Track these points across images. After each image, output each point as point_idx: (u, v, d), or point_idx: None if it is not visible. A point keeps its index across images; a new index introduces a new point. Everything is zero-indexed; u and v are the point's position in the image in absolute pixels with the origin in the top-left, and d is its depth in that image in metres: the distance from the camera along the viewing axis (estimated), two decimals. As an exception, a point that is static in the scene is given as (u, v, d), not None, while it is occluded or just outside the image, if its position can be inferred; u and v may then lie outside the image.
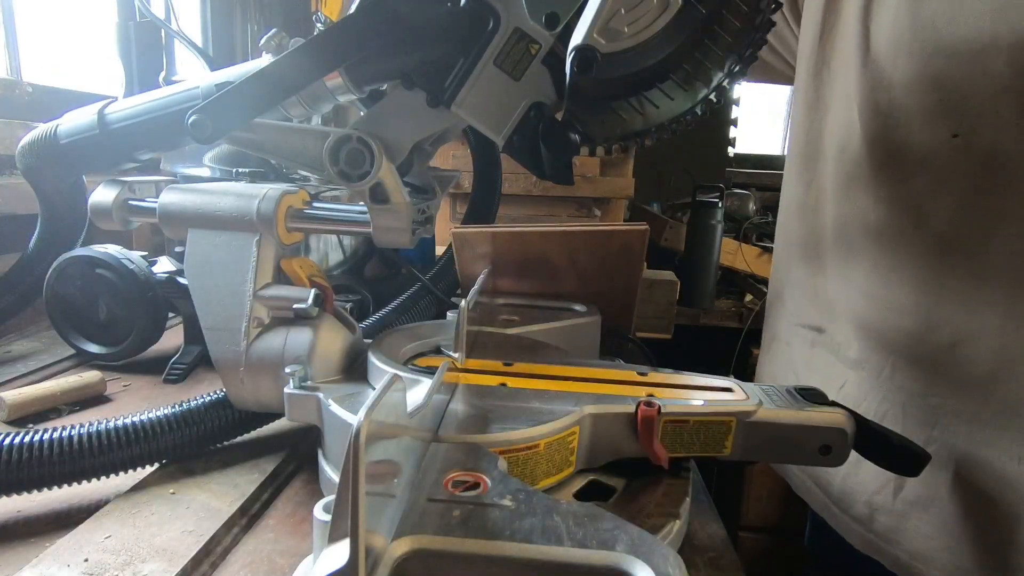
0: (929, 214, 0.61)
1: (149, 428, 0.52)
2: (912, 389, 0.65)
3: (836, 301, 0.73)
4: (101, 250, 0.76)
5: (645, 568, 0.30)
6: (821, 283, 0.76)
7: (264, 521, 0.50)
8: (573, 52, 0.43)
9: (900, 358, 0.66)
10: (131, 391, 0.74)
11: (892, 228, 0.64)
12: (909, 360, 0.65)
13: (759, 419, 0.50)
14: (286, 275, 0.56)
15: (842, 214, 0.70)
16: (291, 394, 0.51)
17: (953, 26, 0.56)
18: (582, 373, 0.56)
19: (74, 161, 0.63)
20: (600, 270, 0.79)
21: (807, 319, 0.80)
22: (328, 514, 0.31)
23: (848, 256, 0.70)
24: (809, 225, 0.77)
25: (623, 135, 0.49)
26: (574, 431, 0.48)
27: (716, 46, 0.46)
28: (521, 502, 0.35)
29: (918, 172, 0.61)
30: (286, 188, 0.55)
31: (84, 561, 0.42)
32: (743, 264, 1.91)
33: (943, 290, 0.61)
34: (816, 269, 0.77)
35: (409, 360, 0.58)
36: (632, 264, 0.79)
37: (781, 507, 1.77)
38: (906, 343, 0.65)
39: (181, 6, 1.04)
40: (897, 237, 0.64)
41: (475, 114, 0.50)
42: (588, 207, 1.58)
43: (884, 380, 0.67)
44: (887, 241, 0.65)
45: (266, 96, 0.51)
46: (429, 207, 0.60)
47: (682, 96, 0.47)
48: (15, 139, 0.80)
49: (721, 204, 1.75)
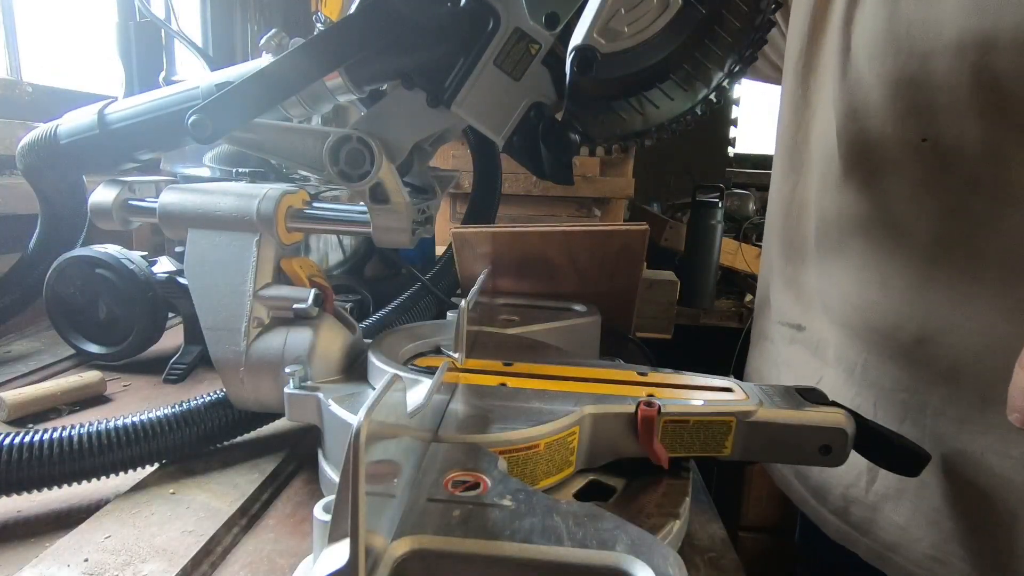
0: (902, 214, 0.62)
1: (149, 428, 0.52)
2: (883, 384, 0.66)
3: (814, 299, 0.75)
4: (101, 250, 0.76)
5: (645, 568, 0.30)
6: (803, 281, 0.77)
7: (264, 521, 0.50)
8: (573, 52, 0.43)
9: (873, 355, 0.67)
10: (131, 391, 0.74)
11: (867, 228, 0.66)
12: (881, 356, 0.66)
13: (759, 419, 0.50)
14: (286, 275, 0.56)
15: (823, 214, 0.72)
16: (291, 394, 0.51)
17: (925, 28, 0.57)
18: (582, 373, 0.56)
19: (74, 161, 0.63)
20: (600, 270, 0.79)
21: (789, 317, 0.81)
22: (328, 514, 0.31)
23: (827, 254, 0.72)
24: (793, 224, 0.79)
25: (623, 135, 0.49)
26: (574, 431, 0.48)
27: (716, 46, 0.46)
28: (521, 502, 0.35)
29: (890, 173, 0.63)
30: (286, 188, 0.55)
31: (84, 561, 0.42)
32: (743, 264, 1.91)
33: (910, 289, 0.62)
34: (798, 268, 0.78)
35: (409, 360, 0.58)
36: (632, 264, 0.79)
37: (781, 507, 1.77)
38: (878, 340, 0.66)
39: (181, 6, 1.04)
40: (872, 236, 0.66)
41: (475, 114, 0.50)
42: (588, 207, 1.58)
43: (857, 376, 0.69)
44: (863, 240, 0.66)
45: (266, 96, 0.51)
46: (429, 207, 0.60)
47: (682, 96, 0.47)
48: (15, 139, 0.80)
49: (721, 204, 1.75)
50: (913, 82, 0.59)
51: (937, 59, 0.56)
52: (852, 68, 0.65)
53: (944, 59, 0.56)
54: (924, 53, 0.57)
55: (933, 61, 0.57)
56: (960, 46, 0.55)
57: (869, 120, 0.64)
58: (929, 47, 0.57)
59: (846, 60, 0.66)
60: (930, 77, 0.57)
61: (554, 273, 0.80)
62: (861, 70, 0.64)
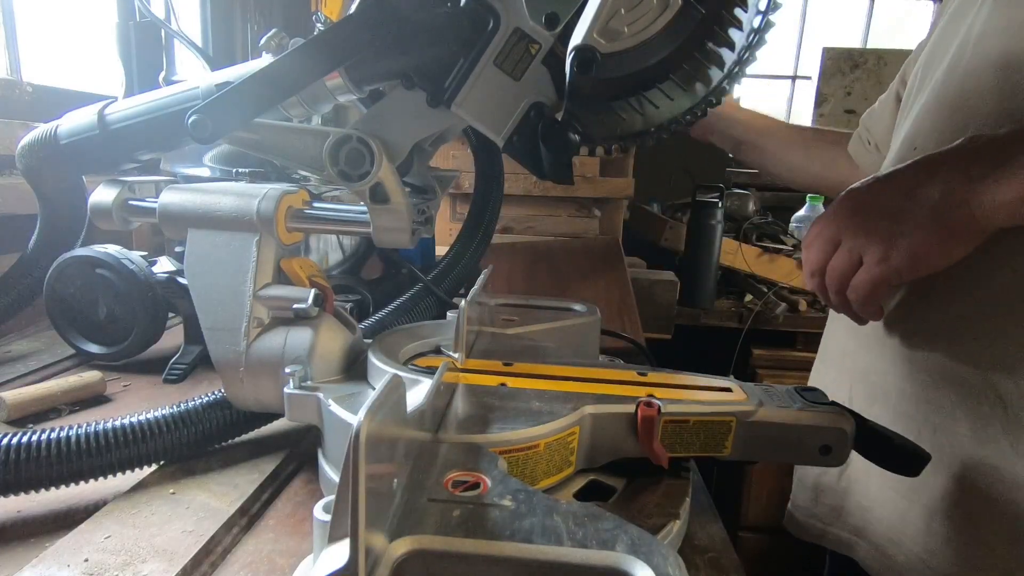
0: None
1: (149, 428, 0.52)
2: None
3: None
4: (101, 250, 0.76)
5: (645, 568, 0.30)
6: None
7: (264, 521, 0.50)
8: (573, 52, 0.43)
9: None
10: (131, 391, 0.74)
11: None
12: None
13: (759, 419, 0.50)
14: (286, 275, 0.56)
15: None
16: (291, 394, 0.51)
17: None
18: (582, 373, 0.56)
19: (74, 161, 0.63)
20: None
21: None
22: (328, 514, 0.31)
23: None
24: None
25: (623, 135, 0.49)
26: (574, 431, 0.48)
27: (716, 46, 0.46)
28: (521, 502, 0.35)
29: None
30: (286, 188, 0.55)
31: (84, 561, 0.42)
32: (743, 264, 1.90)
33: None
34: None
35: (409, 360, 0.58)
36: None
37: (781, 507, 1.76)
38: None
39: (181, 6, 1.04)
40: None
41: (475, 114, 0.50)
42: (588, 207, 1.58)
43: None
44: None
45: (266, 96, 0.51)
46: (429, 207, 0.60)
47: (682, 96, 0.47)
48: (15, 139, 0.80)
49: (721, 204, 1.75)
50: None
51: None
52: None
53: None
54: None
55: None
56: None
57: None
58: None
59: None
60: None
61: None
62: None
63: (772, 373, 1.79)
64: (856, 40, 3.22)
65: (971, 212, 0.53)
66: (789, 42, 3.23)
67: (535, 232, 1.55)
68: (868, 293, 0.59)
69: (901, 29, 3.22)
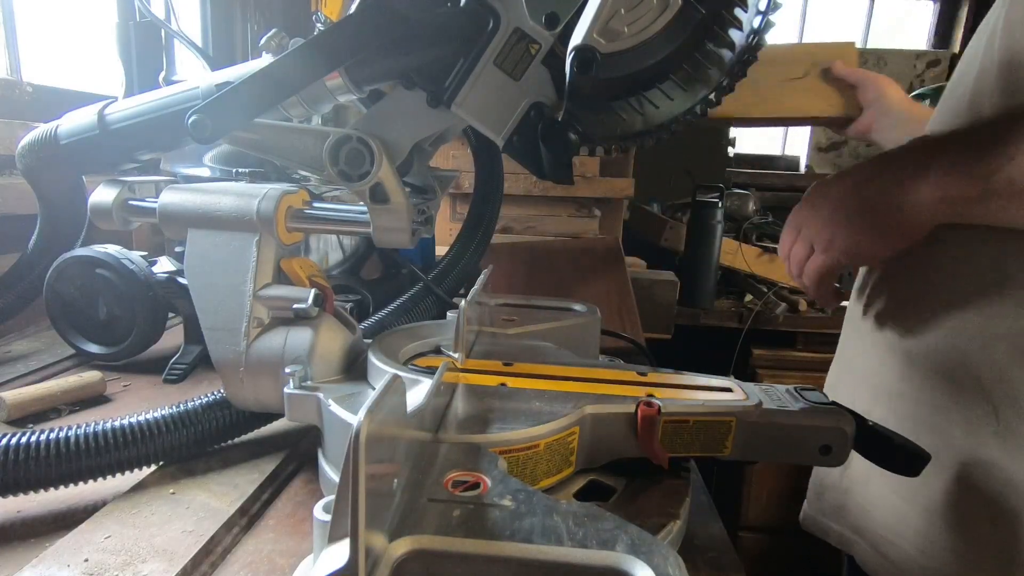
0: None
1: (148, 429, 0.52)
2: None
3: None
4: (101, 250, 0.76)
5: (645, 568, 0.30)
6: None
7: (264, 521, 0.50)
8: (573, 52, 0.43)
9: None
10: (131, 391, 0.74)
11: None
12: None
13: (759, 419, 0.50)
14: (286, 275, 0.56)
15: None
16: (291, 394, 0.51)
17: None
18: (582, 373, 0.56)
19: (74, 161, 0.63)
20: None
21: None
22: (328, 514, 0.31)
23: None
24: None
25: (623, 135, 0.49)
26: (574, 431, 0.48)
27: (716, 46, 0.46)
28: (521, 502, 0.35)
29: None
30: (286, 188, 0.55)
31: (84, 561, 0.42)
32: (743, 264, 1.90)
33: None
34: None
35: (409, 360, 0.58)
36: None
37: (781, 507, 1.77)
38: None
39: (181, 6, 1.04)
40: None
41: (475, 114, 0.50)
42: (588, 207, 1.58)
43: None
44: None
45: (266, 96, 0.51)
46: (429, 207, 0.60)
47: (682, 96, 0.47)
48: (15, 139, 0.80)
49: (721, 204, 1.75)
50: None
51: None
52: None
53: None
54: None
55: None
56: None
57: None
58: None
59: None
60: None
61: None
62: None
63: (772, 373, 1.79)
64: (856, 40, 3.22)
65: (901, 210, 0.58)
66: (789, 42, 3.23)
67: (535, 232, 1.55)
68: (816, 279, 0.65)
69: (901, 29, 3.22)
